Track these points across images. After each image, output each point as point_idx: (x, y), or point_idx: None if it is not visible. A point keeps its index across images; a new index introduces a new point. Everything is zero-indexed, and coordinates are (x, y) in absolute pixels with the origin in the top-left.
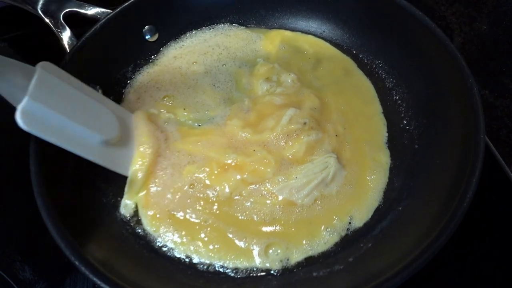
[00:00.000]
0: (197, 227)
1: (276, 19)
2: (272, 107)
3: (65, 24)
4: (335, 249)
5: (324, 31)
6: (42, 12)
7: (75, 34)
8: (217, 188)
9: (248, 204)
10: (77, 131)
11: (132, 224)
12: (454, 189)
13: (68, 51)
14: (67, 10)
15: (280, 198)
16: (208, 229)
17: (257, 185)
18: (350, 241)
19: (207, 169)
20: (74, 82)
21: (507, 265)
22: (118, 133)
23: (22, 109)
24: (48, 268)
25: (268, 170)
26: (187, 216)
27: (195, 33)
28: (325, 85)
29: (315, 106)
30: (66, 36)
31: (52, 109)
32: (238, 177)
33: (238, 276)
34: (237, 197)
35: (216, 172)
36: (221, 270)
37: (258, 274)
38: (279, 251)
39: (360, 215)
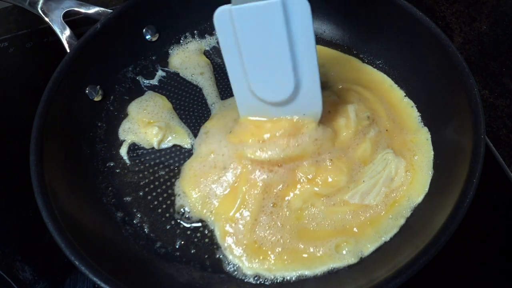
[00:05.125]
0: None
1: None
2: (332, 106)
3: (65, 24)
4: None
5: (324, 31)
6: (42, 11)
7: (75, 34)
8: (288, 199)
9: (320, 214)
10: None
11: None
12: (454, 190)
13: (68, 51)
14: (67, 9)
15: (351, 203)
16: (279, 242)
17: (330, 196)
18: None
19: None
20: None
21: (508, 265)
22: (279, 100)
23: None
24: (48, 268)
25: (342, 178)
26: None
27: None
28: (341, 82)
29: (359, 97)
30: (66, 35)
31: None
32: (312, 192)
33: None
34: (308, 209)
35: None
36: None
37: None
38: (348, 247)
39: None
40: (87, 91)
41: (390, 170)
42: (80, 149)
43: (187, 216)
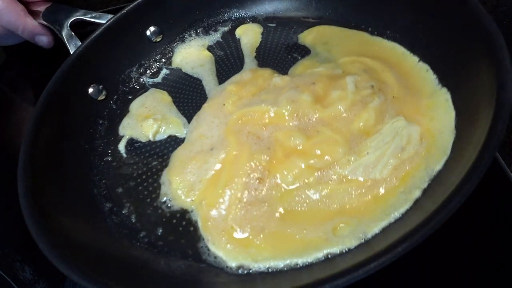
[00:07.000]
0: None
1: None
2: (324, 80)
3: (69, 29)
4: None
5: (328, 12)
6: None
7: (78, 36)
8: (278, 177)
9: (315, 193)
10: None
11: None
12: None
13: (72, 52)
14: (73, 19)
15: (353, 179)
16: (266, 226)
17: (325, 170)
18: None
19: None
20: None
21: (507, 266)
22: None
23: None
24: (48, 268)
25: (338, 151)
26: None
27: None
28: (346, 56)
29: (364, 68)
30: (69, 38)
31: None
32: (303, 166)
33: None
34: (300, 187)
35: (280, 158)
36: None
37: None
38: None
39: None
40: (90, 91)
41: (400, 138)
42: (77, 143)
43: (169, 205)
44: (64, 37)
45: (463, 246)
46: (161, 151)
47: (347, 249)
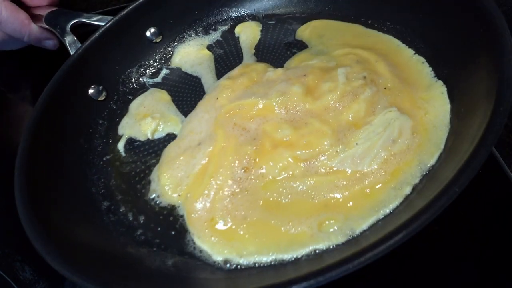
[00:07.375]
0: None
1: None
2: (315, 72)
3: (70, 32)
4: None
5: (327, 8)
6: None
7: (78, 37)
8: (263, 167)
9: (300, 185)
10: None
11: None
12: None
13: (72, 53)
14: (73, 21)
15: (340, 170)
16: (249, 220)
17: (312, 161)
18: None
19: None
20: None
21: (507, 266)
22: None
23: None
24: (48, 268)
25: (325, 142)
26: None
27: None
28: (340, 48)
29: (357, 59)
30: (69, 40)
31: None
32: (289, 158)
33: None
34: (285, 179)
35: (267, 149)
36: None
37: None
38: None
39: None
40: (90, 92)
41: (392, 130)
42: (77, 143)
43: (157, 201)
44: (66, 40)
45: (462, 246)
46: (159, 149)
47: (334, 245)
